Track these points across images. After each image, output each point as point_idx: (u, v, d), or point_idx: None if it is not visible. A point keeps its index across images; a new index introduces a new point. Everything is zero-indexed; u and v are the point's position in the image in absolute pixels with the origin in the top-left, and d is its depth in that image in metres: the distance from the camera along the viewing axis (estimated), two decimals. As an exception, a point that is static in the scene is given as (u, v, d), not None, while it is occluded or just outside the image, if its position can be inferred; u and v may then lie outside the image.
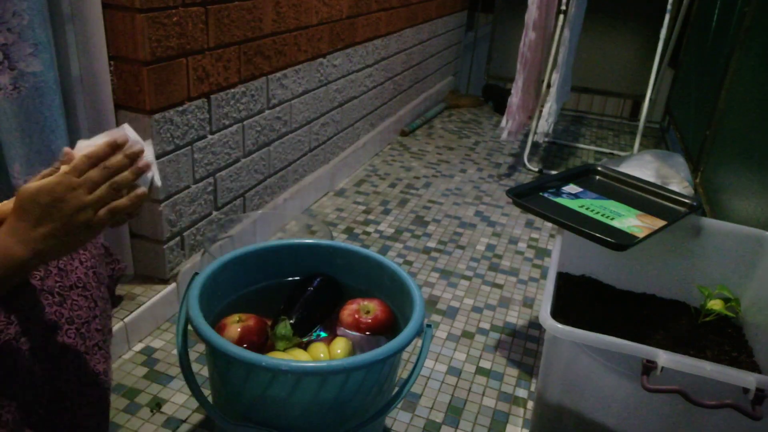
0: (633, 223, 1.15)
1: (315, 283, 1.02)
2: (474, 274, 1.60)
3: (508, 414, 1.13)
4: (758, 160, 1.51)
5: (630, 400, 0.89)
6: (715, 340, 1.15)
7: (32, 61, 0.96)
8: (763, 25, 1.75)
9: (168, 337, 1.25)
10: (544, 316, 0.89)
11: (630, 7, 2.91)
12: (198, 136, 1.30)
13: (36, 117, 0.99)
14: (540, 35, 2.19)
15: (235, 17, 1.33)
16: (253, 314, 0.94)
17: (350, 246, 1.07)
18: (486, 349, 1.31)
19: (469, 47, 3.69)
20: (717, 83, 2.06)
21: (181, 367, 0.86)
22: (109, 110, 1.14)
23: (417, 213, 1.92)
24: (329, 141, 1.97)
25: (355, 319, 0.97)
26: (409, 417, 1.10)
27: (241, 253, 1.01)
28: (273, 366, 0.75)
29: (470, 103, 3.26)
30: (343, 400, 0.82)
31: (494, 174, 2.33)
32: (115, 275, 1.13)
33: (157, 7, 1.10)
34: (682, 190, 1.78)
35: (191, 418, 1.06)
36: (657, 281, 1.29)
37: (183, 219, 1.31)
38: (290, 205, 1.77)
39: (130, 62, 1.11)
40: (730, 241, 1.20)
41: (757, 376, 0.78)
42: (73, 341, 0.72)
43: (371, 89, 2.22)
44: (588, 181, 1.34)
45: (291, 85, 1.64)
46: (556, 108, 2.21)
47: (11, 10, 0.91)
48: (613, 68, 3.03)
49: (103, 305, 0.79)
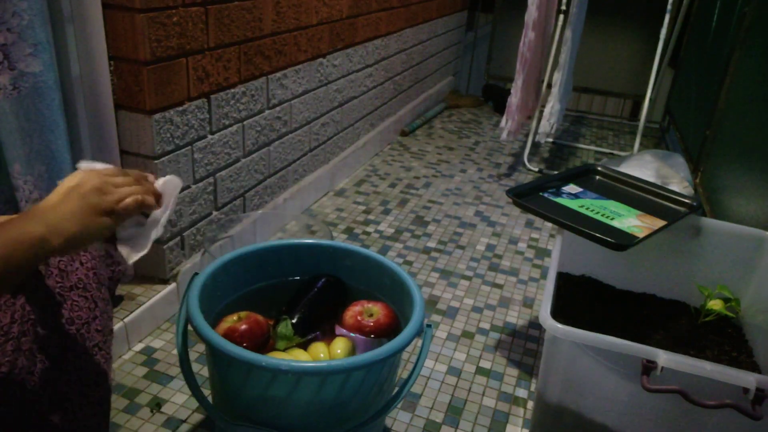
0: (633, 223, 1.15)
1: (319, 284, 1.02)
2: (474, 274, 1.60)
3: (508, 414, 1.13)
4: (758, 160, 1.51)
5: (630, 400, 0.89)
6: (715, 340, 1.15)
7: (32, 61, 0.96)
8: (763, 25, 1.75)
9: (168, 337, 1.25)
10: (544, 316, 0.89)
11: (630, 7, 2.91)
12: (198, 136, 1.30)
13: (36, 117, 0.99)
14: (540, 35, 2.19)
15: (235, 17, 1.33)
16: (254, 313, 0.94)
17: (350, 246, 1.07)
18: (486, 349, 1.31)
19: (469, 47, 3.69)
20: (717, 83, 2.06)
21: (181, 367, 0.86)
22: (109, 110, 1.14)
23: (417, 213, 1.93)
24: (329, 141, 1.97)
25: (357, 321, 0.97)
26: (409, 417, 1.10)
27: (241, 253, 1.01)
28: (273, 366, 0.75)
29: (470, 103, 3.26)
30: (343, 400, 0.82)
31: (494, 174, 2.33)
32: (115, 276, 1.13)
33: (157, 7, 1.10)
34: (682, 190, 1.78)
35: (191, 418, 1.06)
36: (657, 281, 1.29)
37: (183, 219, 1.31)
38: (290, 205, 1.77)
39: (130, 62, 1.11)
40: (730, 241, 1.20)
41: (757, 376, 0.78)
42: (73, 342, 0.72)
43: (371, 89, 2.22)
44: (588, 181, 1.34)
45: (291, 85, 1.64)
46: (559, 108, 2.20)
47: (11, 10, 0.91)
48: (613, 68, 3.03)
49: (104, 306, 0.79)
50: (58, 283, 0.72)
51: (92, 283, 0.77)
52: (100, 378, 0.75)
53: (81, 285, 0.75)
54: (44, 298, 0.70)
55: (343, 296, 1.04)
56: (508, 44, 3.18)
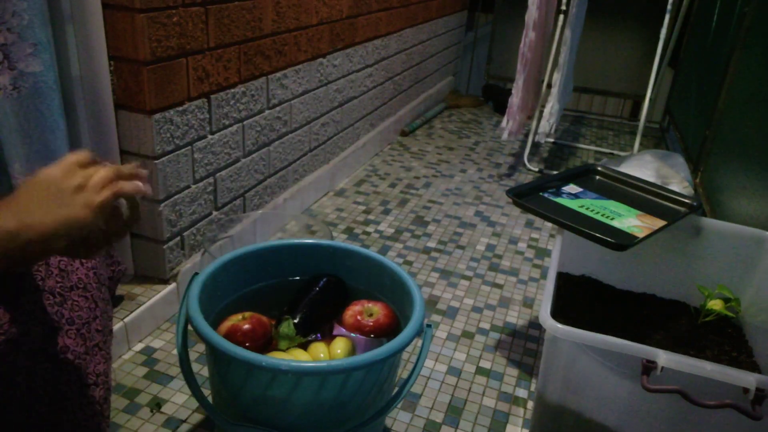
0: (633, 223, 1.15)
1: (321, 284, 1.02)
2: (474, 274, 1.60)
3: (508, 414, 1.13)
4: (758, 160, 1.51)
5: (630, 400, 0.89)
6: (715, 340, 1.15)
7: (32, 61, 0.96)
8: (763, 25, 1.75)
9: (168, 337, 1.25)
10: (544, 316, 0.89)
11: (630, 7, 2.91)
12: (198, 136, 1.30)
13: (36, 117, 0.99)
14: (540, 35, 2.19)
15: (235, 17, 1.33)
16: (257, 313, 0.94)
17: (350, 246, 1.07)
18: (486, 349, 1.31)
19: (469, 47, 3.69)
20: (717, 83, 2.06)
21: (181, 367, 0.86)
22: (109, 110, 1.14)
23: (417, 213, 1.93)
24: (329, 141, 1.97)
25: (357, 320, 0.97)
26: (409, 417, 1.10)
27: (241, 253, 1.01)
28: (273, 366, 0.75)
29: (470, 103, 3.26)
30: (343, 400, 0.82)
31: (494, 174, 2.33)
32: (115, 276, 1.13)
33: (157, 7, 1.10)
34: (682, 190, 1.78)
35: (191, 418, 1.06)
36: (657, 281, 1.29)
37: (183, 219, 1.31)
38: (290, 205, 1.77)
39: (130, 62, 1.11)
40: (730, 241, 1.20)
41: (757, 376, 0.78)
42: (73, 342, 0.72)
43: (371, 89, 2.22)
44: (588, 181, 1.34)
45: (291, 85, 1.64)
46: (558, 108, 2.20)
47: (11, 10, 0.91)
48: (613, 68, 3.03)
49: (104, 306, 0.79)
50: (58, 283, 0.72)
51: (92, 282, 0.77)
52: (99, 378, 0.75)
53: (81, 285, 0.75)
54: (44, 298, 0.70)
55: (345, 296, 1.04)
56: (508, 44, 3.18)
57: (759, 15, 1.82)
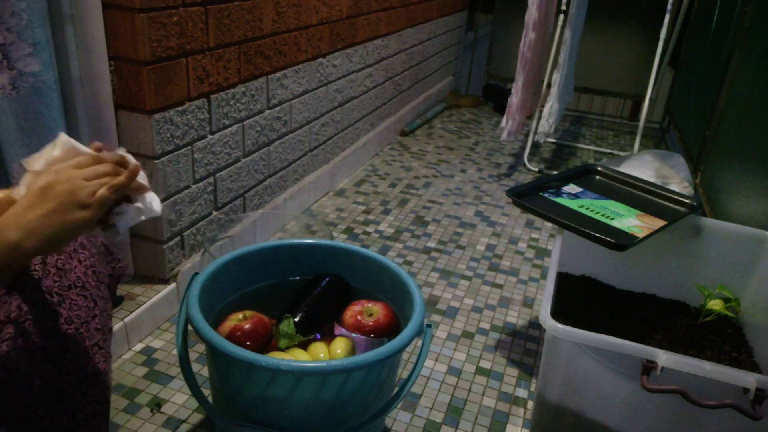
0: (633, 223, 1.15)
1: (323, 283, 1.02)
2: (474, 274, 1.60)
3: (508, 414, 1.13)
4: (758, 160, 1.51)
5: (630, 400, 0.89)
6: (715, 340, 1.15)
7: (31, 60, 0.96)
8: (763, 25, 1.75)
9: (168, 337, 1.25)
10: (544, 316, 0.89)
11: (630, 7, 2.91)
12: (198, 136, 1.30)
13: (35, 117, 0.99)
14: (540, 35, 2.19)
15: (235, 17, 1.33)
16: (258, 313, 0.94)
17: (350, 246, 1.07)
18: (486, 349, 1.31)
19: (469, 47, 3.69)
20: (717, 83, 2.06)
21: (181, 367, 0.86)
22: (109, 110, 1.14)
23: (417, 213, 1.92)
24: (329, 141, 1.97)
25: (356, 320, 0.97)
26: (409, 417, 1.10)
27: (241, 253, 1.01)
28: (273, 366, 0.75)
29: (470, 103, 3.26)
30: (343, 400, 0.82)
31: (494, 174, 2.33)
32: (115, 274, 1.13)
33: (157, 7, 1.10)
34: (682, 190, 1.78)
35: (191, 418, 1.06)
36: (657, 281, 1.29)
37: (183, 219, 1.31)
38: (290, 205, 1.77)
39: (130, 62, 1.11)
40: (730, 241, 1.20)
41: (757, 376, 0.78)
42: (72, 341, 0.72)
43: (371, 89, 2.22)
44: (588, 181, 1.34)
45: (291, 85, 1.64)
46: (558, 108, 2.20)
47: (10, 10, 0.91)
48: (613, 68, 3.03)
49: (103, 304, 0.79)
50: (56, 283, 0.72)
51: (91, 281, 0.77)
52: (99, 377, 0.75)
53: (80, 284, 0.75)
54: (42, 298, 0.70)
55: (347, 296, 1.04)
56: (508, 44, 3.18)
57: (759, 15, 1.82)
